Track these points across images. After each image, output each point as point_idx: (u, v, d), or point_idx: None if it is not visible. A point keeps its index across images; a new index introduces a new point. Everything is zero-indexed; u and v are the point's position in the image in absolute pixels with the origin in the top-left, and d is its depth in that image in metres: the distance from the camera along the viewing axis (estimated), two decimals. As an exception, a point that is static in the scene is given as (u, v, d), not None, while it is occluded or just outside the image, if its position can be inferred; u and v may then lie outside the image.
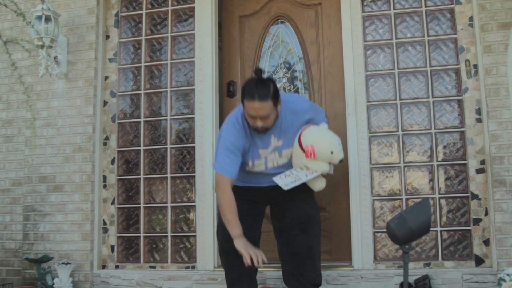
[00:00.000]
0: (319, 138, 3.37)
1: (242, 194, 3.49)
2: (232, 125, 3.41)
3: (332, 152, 3.35)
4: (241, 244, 3.20)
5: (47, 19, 4.49)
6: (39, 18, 4.48)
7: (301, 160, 3.41)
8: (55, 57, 4.67)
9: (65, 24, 4.83)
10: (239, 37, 4.88)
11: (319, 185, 3.54)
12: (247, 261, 3.12)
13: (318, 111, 3.67)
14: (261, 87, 3.21)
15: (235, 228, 3.26)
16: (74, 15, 4.87)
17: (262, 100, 3.17)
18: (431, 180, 4.19)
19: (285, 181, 3.38)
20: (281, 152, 3.47)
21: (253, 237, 3.49)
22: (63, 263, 4.35)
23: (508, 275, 3.36)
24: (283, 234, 3.59)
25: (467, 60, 4.19)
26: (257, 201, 3.62)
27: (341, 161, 3.41)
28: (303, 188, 3.51)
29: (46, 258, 4.41)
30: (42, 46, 4.49)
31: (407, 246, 2.74)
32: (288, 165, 3.52)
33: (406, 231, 2.68)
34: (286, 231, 3.57)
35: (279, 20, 4.85)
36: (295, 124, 3.44)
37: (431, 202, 4.14)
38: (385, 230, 3.99)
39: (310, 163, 3.38)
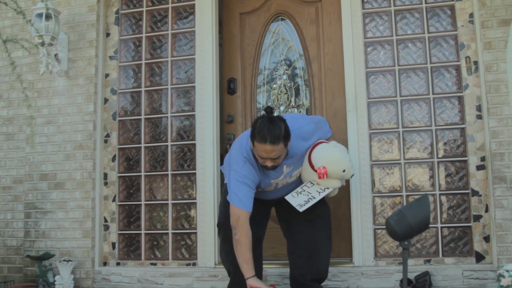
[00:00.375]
0: (330, 158, 3.37)
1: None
2: (244, 159, 3.37)
3: (344, 171, 3.41)
4: (255, 283, 3.22)
5: (48, 17, 4.50)
6: (39, 15, 4.49)
7: (312, 177, 3.48)
8: (55, 55, 4.68)
9: (66, 22, 4.84)
10: (240, 34, 4.88)
11: (333, 193, 3.66)
12: None
13: (321, 126, 3.69)
14: (273, 129, 3.16)
15: (250, 269, 3.26)
16: (75, 12, 4.87)
17: (274, 143, 3.15)
18: (432, 176, 4.19)
19: (299, 201, 3.43)
20: (291, 175, 3.52)
21: (259, 235, 3.56)
22: (64, 261, 4.36)
23: (507, 271, 3.36)
24: (291, 230, 3.64)
25: (467, 57, 4.19)
26: (264, 201, 3.67)
27: (352, 175, 3.50)
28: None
29: (47, 256, 4.41)
30: (42, 44, 4.50)
31: (406, 243, 2.75)
32: (298, 181, 3.60)
33: (405, 227, 2.69)
34: (294, 227, 3.62)
35: (279, 17, 4.84)
36: (304, 148, 3.48)
37: (430, 198, 4.14)
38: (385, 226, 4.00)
39: (322, 181, 3.45)
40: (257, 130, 3.20)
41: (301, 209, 3.40)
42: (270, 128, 3.15)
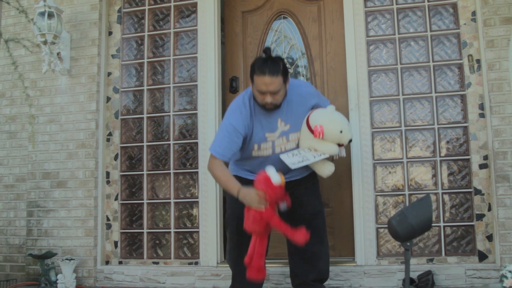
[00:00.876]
0: (328, 118, 3.38)
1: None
2: (238, 108, 3.43)
3: (341, 131, 3.37)
4: (246, 193, 3.20)
5: (50, 15, 4.50)
6: (42, 14, 4.49)
7: (309, 142, 3.41)
8: (58, 53, 4.68)
9: (68, 20, 4.84)
10: (242, 32, 4.88)
11: (328, 169, 3.50)
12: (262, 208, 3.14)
13: (323, 98, 3.73)
14: (271, 63, 3.25)
15: (233, 185, 3.30)
16: (77, 11, 4.87)
17: (272, 75, 3.22)
18: (434, 175, 4.18)
19: (292, 160, 3.38)
20: (289, 137, 3.48)
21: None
22: (66, 259, 4.36)
23: (510, 271, 3.35)
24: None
25: (470, 55, 4.18)
26: None
27: (350, 141, 3.42)
28: (309, 183, 3.59)
29: (49, 254, 4.42)
30: (45, 43, 4.50)
31: (408, 243, 2.74)
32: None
33: (407, 228, 2.68)
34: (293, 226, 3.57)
35: (282, 16, 4.84)
36: (301, 107, 3.47)
37: (433, 197, 4.13)
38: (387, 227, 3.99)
39: (318, 144, 3.38)
40: (256, 65, 3.29)
41: (293, 167, 3.34)
42: (268, 62, 3.26)
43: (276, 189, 3.14)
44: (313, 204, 3.58)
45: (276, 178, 3.14)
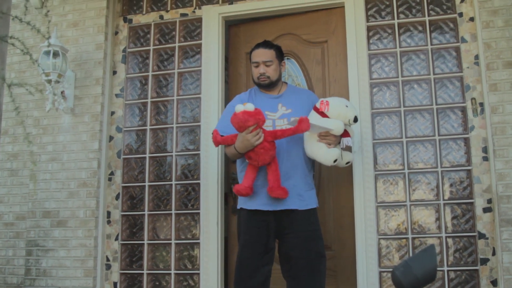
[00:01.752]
0: (334, 98, 3.60)
1: (255, 222, 3.54)
2: (238, 95, 3.91)
3: (347, 106, 3.49)
4: (240, 141, 3.40)
5: (55, 54, 4.53)
6: (47, 53, 4.52)
7: (316, 123, 3.44)
8: (62, 92, 4.70)
9: (73, 59, 4.87)
10: (246, 73, 4.89)
11: (333, 154, 3.50)
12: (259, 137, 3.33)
13: None
14: (265, 41, 3.82)
15: (231, 147, 3.52)
16: (82, 50, 4.91)
17: (265, 47, 3.72)
18: (438, 219, 4.15)
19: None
20: (290, 119, 3.54)
21: (266, 270, 3.53)
22: (65, 300, 4.31)
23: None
24: (291, 274, 3.55)
25: (473, 98, 4.19)
26: (270, 227, 3.55)
27: (355, 119, 3.50)
28: (310, 220, 3.56)
29: (48, 295, 4.37)
30: (49, 81, 4.52)
31: (413, 295, 2.69)
32: (296, 138, 3.59)
33: (412, 279, 2.63)
34: (293, 271, 3.53)
35: (286, 57, 4.85)
36: (306, 100, 3.75)
37: (436, 242, 4.09)
38: (391, 269, 3.93)
39: (324, 122, 3.45)
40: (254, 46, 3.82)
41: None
42: (263, 41, 3.83)
43: (258, 113, 3.33)
44: (314, 247, 3.54)
45: (248, 106, 3.31)
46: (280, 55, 3.78)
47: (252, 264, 3.50)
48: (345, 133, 3.55)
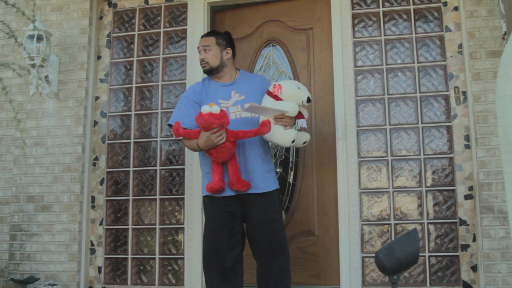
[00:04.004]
0: (285, 81, 3.66)
1: (218, 207, 3.61)
2: (191, 85, 3.95)
3: (299, 88, 3.52)
4: (203, 140, 3.44)
5: (39, 39, 4.50)
6: (31, 37, 4.49)
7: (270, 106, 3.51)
8: (46, 77, 4.66)
9: (57, 44, 4.84)
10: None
11: (304, 137, 3.62)
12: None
13: None
14: (212, 30, 4.08)
15: (194, 142, 3.55)
16: (67, 34, 4.87)
17: (206, 35, 3.89)
18: (420, 205, 4.21)
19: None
20: (244, 106, 3.59)
21: (234, 254, 3.58)
22: (49, 284, 4.31)
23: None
24: (256, 256, 3.63)
25: (456, 87, 4.23)
26: (233, 212, 3.60)
27: (308, 100, 3.51)
28: (269, 203, 3.60)
29: (32, 279, 4.36)
30: (33, 66, 4.48)
31: (395, 277, 2.74)
32: (252, 120, 3.64)
33: (394, 261, 2.68)
34: (258, 253, 3.61)
35: (271, 44, 4.87)
36: (260, 87, 3.76)
37: (418, 228, 4.15)
38: (373, 254, 3.99)
39: (279, 105, 3.49)
40: None
41: (246, 106, 3.49)
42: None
43: (223, 115, 3.38)
44: (276, 230, 3.59)
45: (214, 109, 3.37)
46: (225, 42, 3.83)
47: (218, 248, 3.57)
48: (299, 115, 3.60)
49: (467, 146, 4.14)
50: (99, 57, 4.98)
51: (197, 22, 4.78)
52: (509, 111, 2.35)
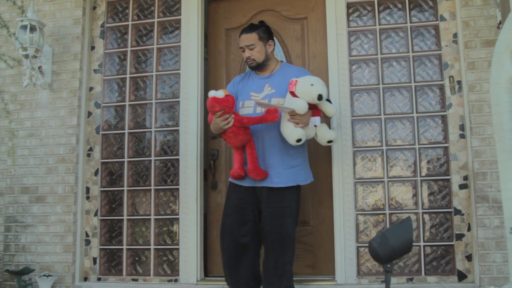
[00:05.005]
0: (304, 77, 3.61)
1: (235, 194, 3.79)
2: (234, 78, 4.07)
3: (312, 84, 3.50)
4: (212, 124, 3.66)
5: (32, 29, 4.47)
6: (24, 27, 4.46)
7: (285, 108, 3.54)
8: (39, 67, 4.64)
9: (51, 34, 4.81)
10: (225, 50, 4.87)
11: (296, 133, 3.52)
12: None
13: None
14: (250, 25, 3.94)
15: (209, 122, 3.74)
16: (60, 25, 4.85)
17: (247, 32, 3.83)
18: (415, 195, 4.21)
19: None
20: (271, 100, 3.69)
21: (246, 241, 3.71)
22: (44, 275, 4.31)
23: (490, 293, 3.37)
24: (264, 246, 3.73)
25: (451, 76, 4.22)
26: (246, 201, 3.75)
27: (319, 98, 3.49)
28: (283, 197, 3.64)
29: (27, 270, 4.36)
30: (26, 56, 4.46)
31: (389, 265, 2.74)
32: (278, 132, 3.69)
33: (388, 250, 2.68)
34: (265, 243, 3.71)
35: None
36: (293, 76, 3.66)
37: (413, 217, 4.15)
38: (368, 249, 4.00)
39: (289, 102, 3.56)
40: None
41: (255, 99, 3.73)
42: (247, 25, 3.96)
43: (226, 100, 3.54)
44: (284, 225, 3.63)
45: (218, 93, 3.53)
46: (266, 35, 3.86)
47: (229, 232, 3.73)
48: (316, 112, 3.59)
49: (462, 136, 4.14)
50: (92, 48, 4.95)
51: (191, 11, 4.76)
52: (503, 99, 2.35)
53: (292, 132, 3.50)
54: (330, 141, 3.65)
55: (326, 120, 3.75)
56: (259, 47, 3.81)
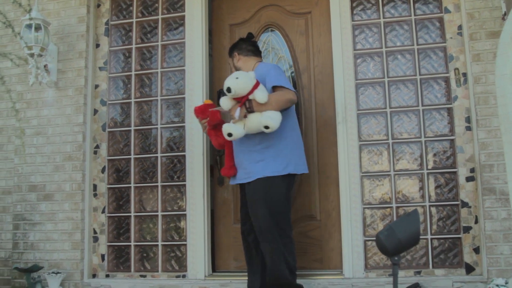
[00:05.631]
0: (239, 71, 3.73)
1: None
2: None
3: (237, 78, 3.57)
4: None
5: (37, 28, 4.48)
6: (29, 26, 4.47)
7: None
8: (45, 66, 4.65)
9: (55, 33, 4.83)
10: (229, 45, 4.86)
11: (264, 122, 3.55)
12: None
13: (274, 76, 3.83)
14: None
15: None
16: (64, 23, 4.86)
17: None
18: (421, 188, 4.20)
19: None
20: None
21: (251, 235, 3.95)
22: (53, 273, 4.33)
23: (497, 285, 3.37)
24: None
25: (456, 69, 4.21)
26: (243, 198, 4.02)
27: (228, 89, 3.54)
28: (255, 190, 3.74)
29: (36, 268, 4.38)
30: (32, 55, 4.47)
31: (396, 258, 2.74)
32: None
33: (395, 242, 2.68)
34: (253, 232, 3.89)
35: (269, 29, 4.85)
36: (257, 76, 3.75)
37: (420, 210, 4.15)
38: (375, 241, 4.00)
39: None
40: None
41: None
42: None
43: (196, 109, 3.96)
44: (259, 217, 3.68)
45: (204, 101, 4.07)
46: (230, 50, 4.21)
47: (242, 232, 4.04)
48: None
49: (468, 128, 4.13)
50: (97, 45, 4.96)
51: (195, 8, 4.76)
52: (508, 90, 2.34)
53: (223, 128, 3.65)
54: (266, 127, 3.53)
55: (272, 107, 3.58)
56: (231, 64, 4.18)
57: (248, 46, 4.12)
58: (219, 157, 4.70)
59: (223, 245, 4.68)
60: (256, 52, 4.13)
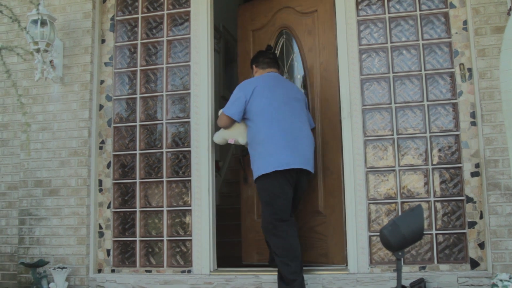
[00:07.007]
0: None
1: None
2: None
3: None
4: None
5: (43, 23, 4.48)
6: (34, 22, 4.47)
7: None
8: (50, 61, 4.66)
9: (61, 28, 4.84)
10: (252, 50, 5.01)
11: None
12: None
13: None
14: None
15: None
16: (70, 19, 4.87)
17: None
18: (426, 183, 4.20)
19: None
20: None
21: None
22: (58, 268, 4.35)
23: (501, 280, 3.37)
24: None
25: (461, 64, 4.20)
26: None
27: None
28: (258, 188, 4.17)
29: (41, 263, 4.40)
30: (37, 50, 4.47)
31: (400, 253, 2.75)
32: None
33: (399, 237, 2.69)
34: None
35: (283, 31, 4.95)
36: None
37: (425, 205, 4.15)
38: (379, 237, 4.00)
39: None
40: None
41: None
42: None
43: None
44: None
45: None
46: (250, 63, 4.60)
47: None
48: None
49: (473, 123, 4.13)
50: (103, 41, 4.97)
51: (200, 3, 4.76)
52: (513, 85, 2.34)
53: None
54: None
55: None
56: (252, 73, 4.57)
57: (265, 58, 4.42)
58: (242, 157, 4.76)
59: (249, 240, 4.81)
60: (271, 63, 4.41)
